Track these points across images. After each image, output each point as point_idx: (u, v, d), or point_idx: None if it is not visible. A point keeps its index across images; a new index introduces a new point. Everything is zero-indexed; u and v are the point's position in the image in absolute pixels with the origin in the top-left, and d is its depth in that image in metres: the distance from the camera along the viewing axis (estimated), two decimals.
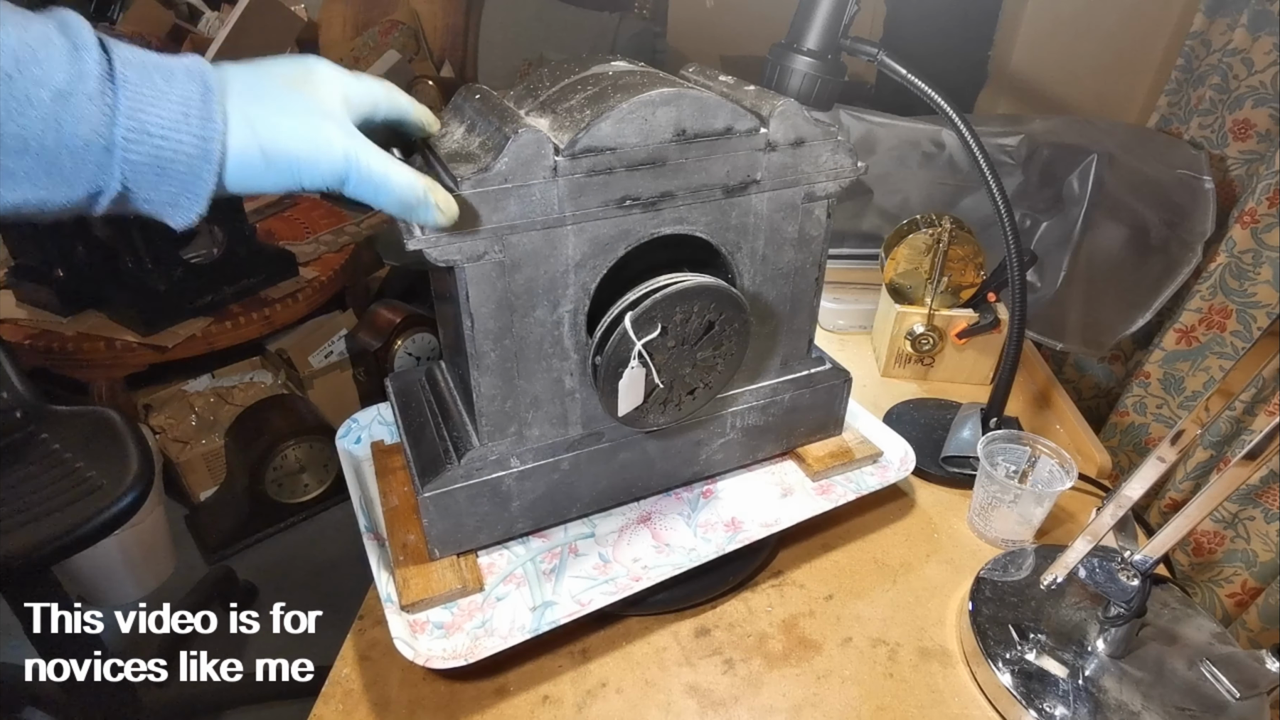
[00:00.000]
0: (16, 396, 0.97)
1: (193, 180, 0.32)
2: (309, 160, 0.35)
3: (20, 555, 0.81)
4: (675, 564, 0.55)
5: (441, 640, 0.50)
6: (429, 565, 0.53)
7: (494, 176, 0.42)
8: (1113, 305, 0.96)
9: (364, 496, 0.61)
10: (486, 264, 0.45)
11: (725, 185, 0.50)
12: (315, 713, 0.51)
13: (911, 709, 0.52)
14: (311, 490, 1.63)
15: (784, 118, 0.49)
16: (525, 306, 0.48)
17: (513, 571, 0.55)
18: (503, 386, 0.50)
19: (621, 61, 0.53)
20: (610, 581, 0.54)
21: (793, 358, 0.61)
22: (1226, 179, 0.95)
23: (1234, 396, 0.45)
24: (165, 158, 0.31)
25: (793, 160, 0.51)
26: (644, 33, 2.28)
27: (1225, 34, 0.94)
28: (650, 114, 0.45)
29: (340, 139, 0.36)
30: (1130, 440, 1.05)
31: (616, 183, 0.46)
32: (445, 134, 0.48)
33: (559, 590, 0.54)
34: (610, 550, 0.57)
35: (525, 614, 0.52)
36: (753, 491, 0.63)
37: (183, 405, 1.64)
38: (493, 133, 0.44)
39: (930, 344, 0.83)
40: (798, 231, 0.54)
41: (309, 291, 1.63)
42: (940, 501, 0.70)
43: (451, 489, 0.51)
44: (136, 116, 0.30)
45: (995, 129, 0.99)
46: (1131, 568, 0.50)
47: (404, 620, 0.50)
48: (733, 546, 0.56)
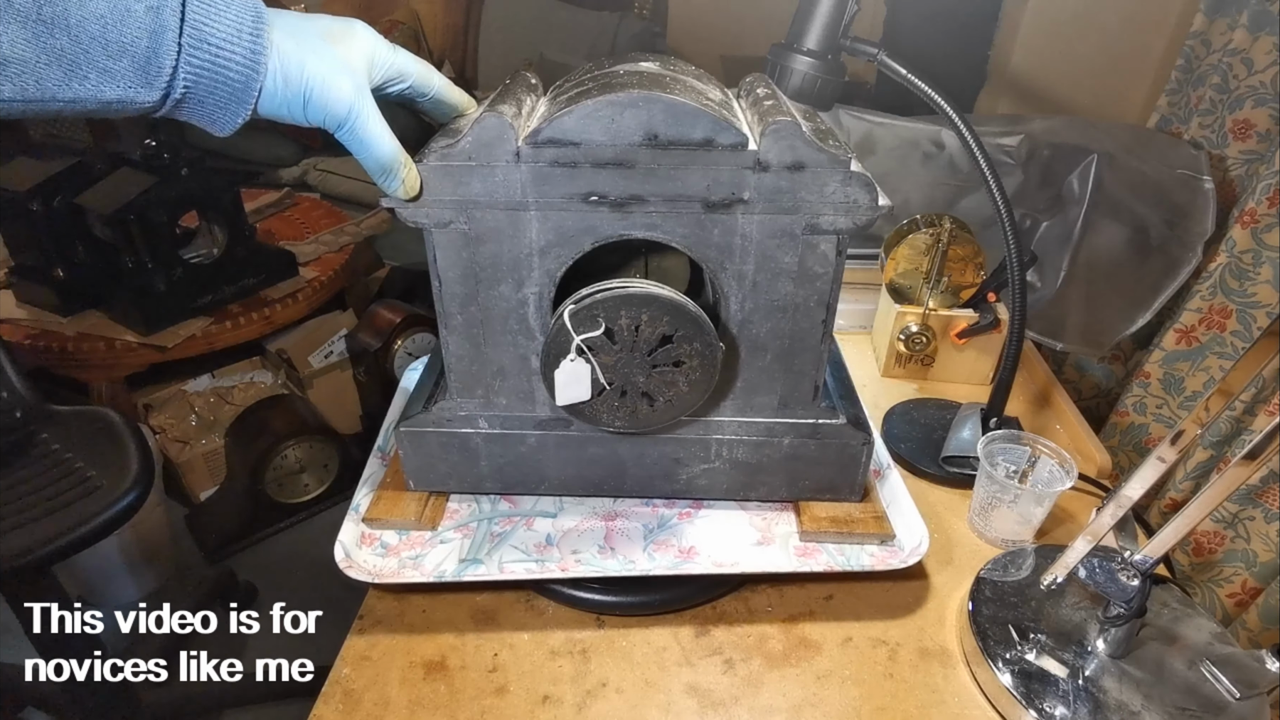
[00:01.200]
0: (16, 396, 0.97)
1: (242, 90, 0.37)
2: (318, 98, 0.39)
3: (20, 555, 0.80)
4: (605, 568, 0.56)
5: (376, 558, 0.57)
6: (404, 494, 0.60)
7: (458, 153, 0.46)
8: (1113, 305, 0.96)
9: (393, 424, 0.66)
10: (453, 232, 0.49)
11: (706, 199, 0.47)
12: (315, 713, 0.51)
13: (911, 709, 0.52)
14: (311, 490, 1.63)
15: (778, 137, 0.45)
16: (490, 279, 0.51)
17: (468, 524, 0.60)
18: (469, 350, 0.54)
19: (651, 62, 0.53)
20: (540, 562, 0.57)
21: (793, 401, 0.56)
22: (1226, 179, 0.94)
23: (1234, 396, 0.45)
24: (220, 65, 0.36)
25: (789, 185, 0.47)
26: (644, 33, 2.28)
27: (1225, 34, 0.94)
28: (616, 114, 0.45)
29: (351, 92, 0.40)
30: (1130, 440, 1.05)
31: (581, 177, 0.47)
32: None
33: (493, 554, 0.57)
34: (559, 536, 0.59)
35: (452, 562, 0.56)
36: (728, 528, 0.60)
37: (183, 405, 1.64)
38: (480, 114, 0.47)
39: (924, 343, 0.83)
40: (797, 264, 0.50)
41: (309, 291, 1.63)
42: (940, 501, 0.70)
43: (424, 431, 0.57)
44: (199, 27, 0.35)
45: (995, 129, 0.99)
46: (1131, 568, 0.50)
47: (358, 530, 0.58)
48: (673, 572, 0.56)
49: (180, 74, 0.35)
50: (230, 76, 0.36)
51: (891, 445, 0.75)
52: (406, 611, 0.58)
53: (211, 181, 1.41)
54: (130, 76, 0.34)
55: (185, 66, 0.35)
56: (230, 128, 0.38)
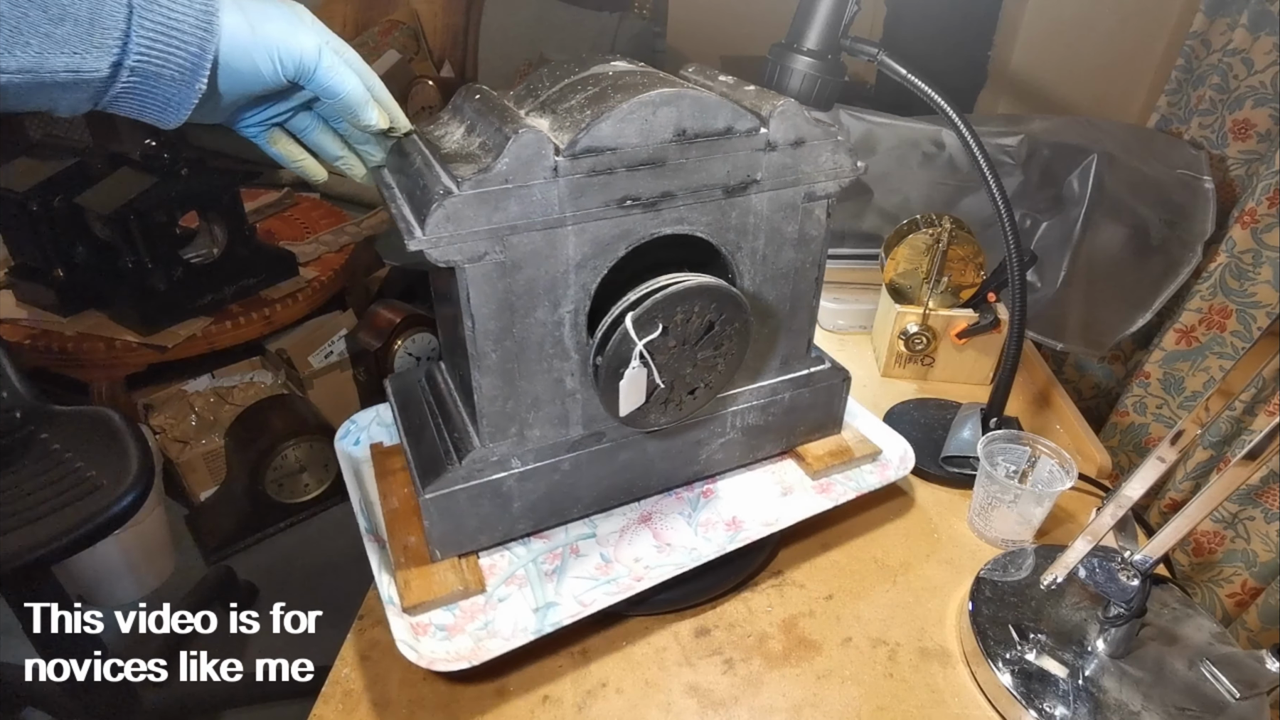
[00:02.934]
0: (16, 396, 0.97)
1: (198, 51, 0.36)
2: (289, 40, 0.39)
3: (20, 555, 0.80)
4: (677, 564, 0.55)
5: (444, 642, 0.49)
6: (430, 567, 0.53)
7: (494, 177, 0.42)
8: (1113, 305, 0.96)
9: (364, 498, 0.61)
10: (487, 264, 0.45)
11: (725, 185, 0.50)
12: (315, 713, 0.51)
13: (911, 709, 0.52)
14: (311, 490, 1.63)
15: (784, 117, 0.49)
16: (526, 307, 0.47)
17: (514, 573, 0.55)
18: (504, 387, 0.50)
19: (621, 61, 0.53)
20: (612, 582, 0.54)
21: (793, 357, 0.61)
22: (1226, 179, 0.95)
23: (1234, 396, 0.45)
24: (173, 26, 0.35)
25: (793, 160, 0.51)
26: (644, 33, 2.28)
27: (1225, 34, 0.94)
28: (651, 114, 0.45)
29: (315, 35, 0.41)
30: (1130, 440, 1.05)
31: (617, 183, 0.46)
32: (445, 134, 0.49)
33: (561, 591, 0.54)
34: (611, 550, 0.57)
35: (528, 615, 0.52)
36: (753, 491, 0.63)
37: (183, 405, 1.64)
38: (493, 133, 0.45)
39: (924, 343, 0.83)
40: (798, 231, 0.54)
41: (309, 291, 1.63)
42: (940, 501, 0.70)
43: (453, 490, 0.51)
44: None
45: (995, 129, 0.99)
46: (1131, 568, 0.50)
47: (406, 622, 0.50)
48: (734, 546, 0.56)
49: (133, 39, 0.34)
50: (185, 41, 0.35)
51: None
52: None
53: (211, 181, 1.40)
54: (75, 41, 0.33)
55: (138, 30, 0.34)
56: (184, 108, 0.37)
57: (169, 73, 0.36)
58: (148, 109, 0.37)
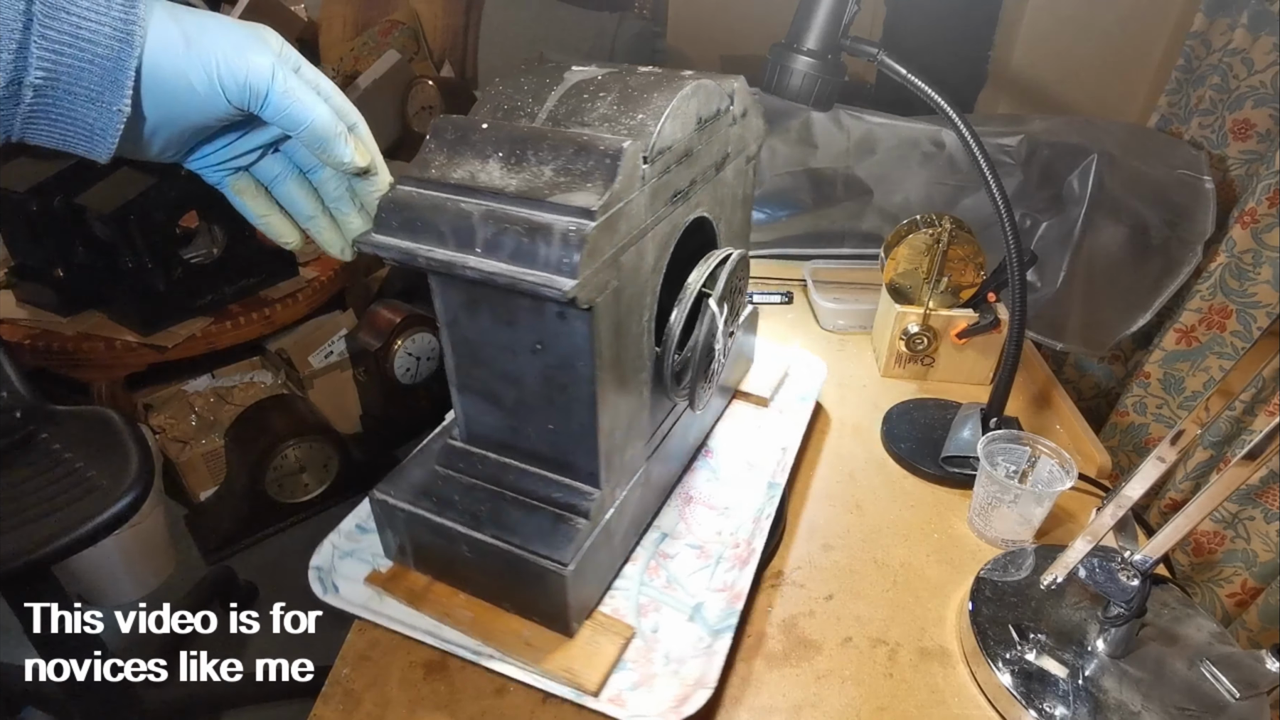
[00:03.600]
0: (16, 396, 0.97)
1: (114, 65, 0.31)
2: (233, 56, 0.33)
3: (20, 555, 0.80)
4: (753, 517, 0.59)
5: (653, 694, 0.47)
6: (573, 643, 0.49)
7: (615, 198, 0.40)
8: (1113, 305, 0.96)
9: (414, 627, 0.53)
10: (609, 294, 0.42)
11: (716, 163, 0.54)
12: (315, 713, 0.51)
13: (911, 709, 0.52)
14: (311, 490, 1.63)
15: (741, 93, 0.55)
16: (625, 328, 0.45)
17: (638, 603, 0.53)
18: (614, 420, 0.47)
19: (579, 66, 0.51)
20: (721, 560, 0.56)
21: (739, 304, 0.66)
22: (1226, 179, 0.95)
23: (1234, 396, 0.45)
24: (82, 36, 0.30)
25: (741, 130, 0.57)
26: (644, 33, 2.28)
27: (1225, 34, 0.94)
28: (685, 106, 0.46)
29: (269, 56, 0.34)
30: (1130, 440, 1.05)
31: (671, 179, 0.47)
32: (468, 175, 0.42)
33: (693, 591, 0.54)
34: (692, 537, 0.59)
35: (692, 627, 0.51)
36: (738, 438, 0.68)
37: (183, 405, 1.64)
38: (574, 155, 0.41)
39: (925, 344, 0.83)
40: (743, 192, 0.62)
41: (309, 291, 1.63)
42: (940, 501, 0.70)
43: (586, 548, 0.47)
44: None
45: (995, 129, 0.99)
46: (1131, 568, 0.50)
47: (606, 705, 0.46)
48: (778, 479, 0.62)
49: (33, 52, 0.29)
50: (98, 52, 0.30)
51: (891, 445, 0.75)
52: None
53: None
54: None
55: (39, 42, 0.29)
56: (109, 133, 0.32)
57: (81, 90, 0.31)
58: (70, 137, 0.32)
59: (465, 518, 0.49)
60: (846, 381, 0.86)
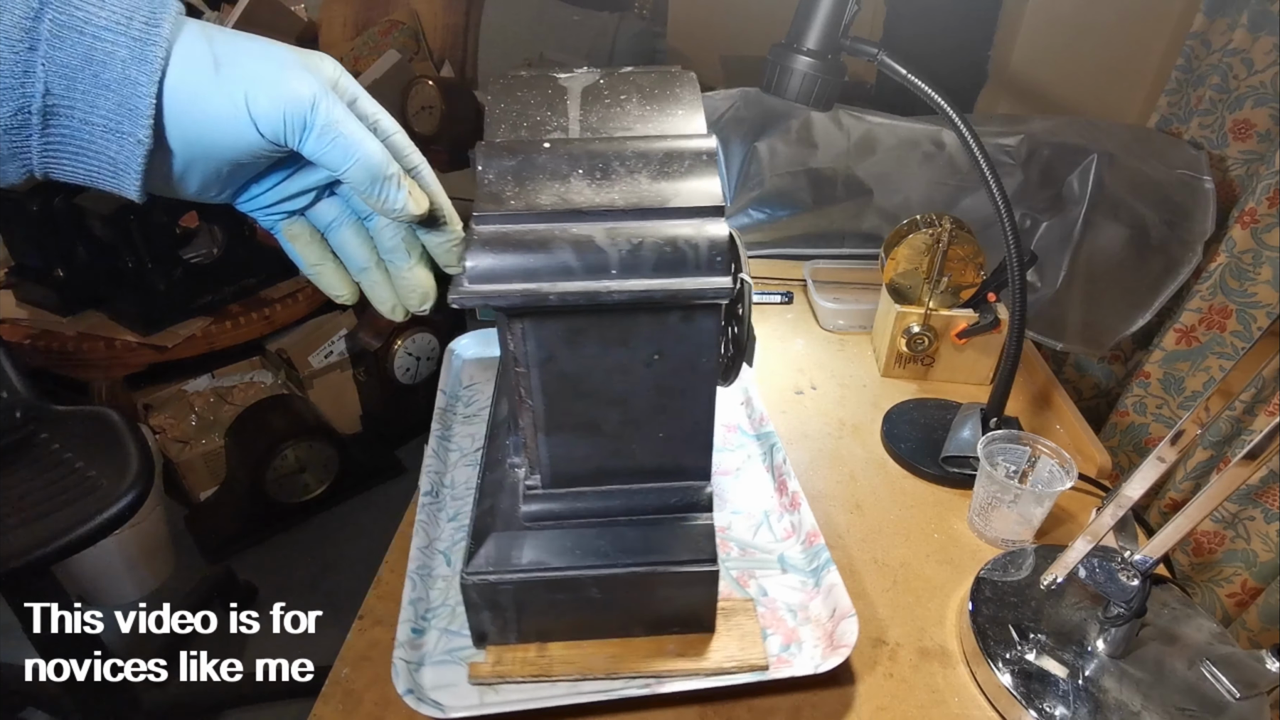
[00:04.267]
0: (16, 396, 0.97)
1: (130, 93, 0.27)
2: (269, 83, 0.29)
3: (20, 555, 0.80)
4: (765, 463, 0.67)
5: (805, 647, 0.53)
6: (717, 637, 0.52)
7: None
8: (1113, 305, 0.96)
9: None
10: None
11: None
12: (315, 713, 0.50)
13: (911, 709, 0.52)
14: (311, 490, 1.63)
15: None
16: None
17: (734, 576, 0.58)
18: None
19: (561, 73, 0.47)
20: (768, 514, 0.63)
21: None
22: (1226, 179, 0.94)
23: (1234, 396, 0.45)
24: (97, 60, 0.27)
25: None
26: (644, 33, 2.28)
27: (1225, 34, 0.94)
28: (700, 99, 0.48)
29: (313, 84, 0.30)
30: (1130, 440, 1.05)
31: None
32: (558, 197, 0.39)
33: (767, 548, 0.61)
34: (728, 505, 0.64)
35: (789, 577, 0.58)
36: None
37: (183, 405, 1.64)
38: (662, 160, 0.41)
39: (925, 344, 0.83)
40: None
41: (309, 291, 1.63)
42: (940, 501, 0.70)
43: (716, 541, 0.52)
44: (68, 10, 0.26)
45: (995, 129, 0.99)
46: (1131, 568, 0.50)
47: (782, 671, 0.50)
48: (766, 427, 0.68)
49: (38, 75, 0.26)
50: (112, 75, 0.27)
51: (891, 445, 0.75)
52: None
53: None
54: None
55: (46, 65, 0.26)
56: (131, 167, 0.28)
57: (98, 120, 0.27)
58: (94, 172, 0.29)
59: (591, 560, 0.47)
60: (846, 381, 0.86)
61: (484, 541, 0.47)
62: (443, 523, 0.62)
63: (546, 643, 0.50)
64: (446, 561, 0.58)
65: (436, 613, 0.54)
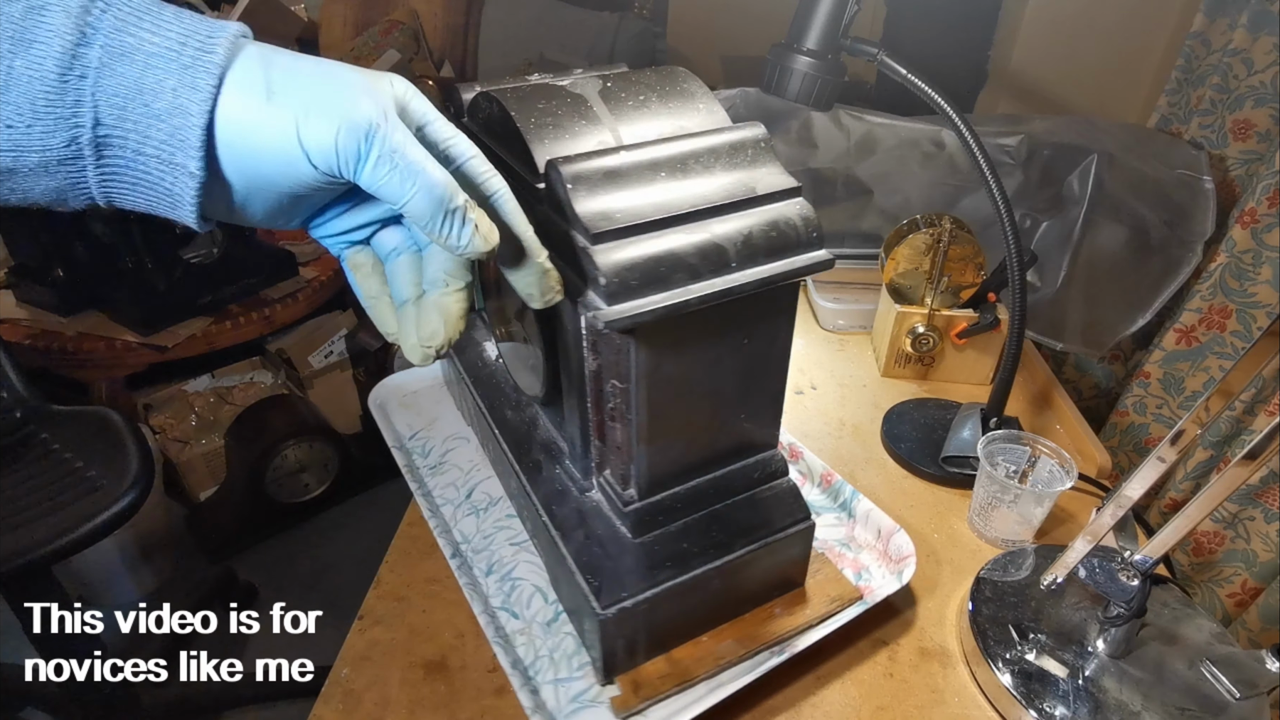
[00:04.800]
0: (16, 396, 0.97)
1: (181, 124, 0.26)
2: (320, 112, 0.27)
3: (20, 555, 0.80)
4: None
5: (874, 570, 0.59)
6: (809, 588, 0.55)
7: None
8: (1113, 305, 0.96)
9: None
10: None
11: None
12: (315, 713, 0.51)
13: (911, 709, 0.52)
14: (312, 490, 1.63)
15: None
16: None
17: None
18: None
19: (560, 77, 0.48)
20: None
21: None
22: (1226, 179, 0.94)
23: (1234, 396, 0.45)
24: (148, 88, 0.25)
25: None
26: (644, 33, 2.28)
27: (1225, 34, 0.94)
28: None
29: (372, 111, 0.28)
30: (1130, 440, 1.05)
31: None
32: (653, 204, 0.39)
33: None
34: None
35: (821, 517, 0.59)
36: None
37: (183, 405, 1.64)
38: (729, 152, 0.41)
39: (930, 344, 0.83)
40: None
41: (309, 291, 1.63)
42: (940, 501, 0.70)
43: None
44: (119, 36, 0.25)
45: (995, 129, 0.99)
46: (1131, 568, 0.50)
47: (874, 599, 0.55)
48: None
49: (87, 100, 0.25)
50: (162, 104, 0.26)
51: (891, 445, 0.75)
52: (407, 612, 0.58)
53: None
54: (16, 111, 0.25)
55: (94, 89, 0.25)
56: (185, 197, 0.27)
57: (151, 150, 0.26)
58: (152, 201, 0.28)
59: (708, 554, 0.48)
60: (846, 381, 0.86)
61: (603, 571, 0.46)
62: (483, 579, 0.57)
63: (668, 651, 0.50)
64: (514, 615, 0.54)
65: (536, 668, 0.51)
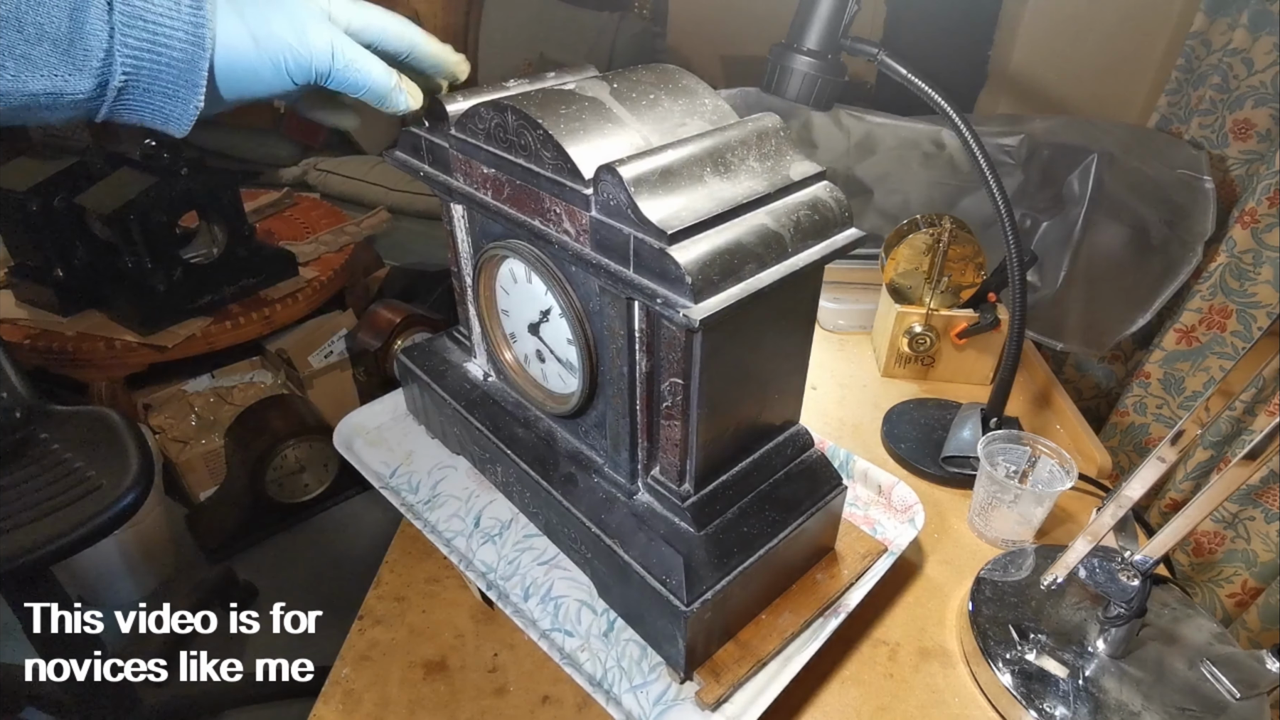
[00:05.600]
0: (16, 396, 0.97)
1: (189, 68, 0.34)
2: (298, 45, 0.37)
3: (20, 555, 0.80)
4: None
5: (888, 522, 0.61)
6: (841, 549, 0.57)
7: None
8: (1113, 305, 0.96)
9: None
10: None
11: None
12: (315, 713, 0.51)
13: (911, 709, 0.52)
14: (311, 490, 1.63)
15: None
16: None
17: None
18: None
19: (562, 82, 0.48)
20: None
21: None
22: (1226, 179, 0.94)
23: (1234, 396, 0.45)
24: (159, 41, 0.33)
25: None
26: (644, 33, 2.28)
27: (1225, 34, 0.94)
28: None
29: (324, 31, 0.38)
30: (1130, 440, 1.05)
31: None
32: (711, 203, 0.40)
33: None
34: None
35: None
36: None
37: (183, 405, 1.64)
38: (757, 143, 0.43)
39: (928, 344, 0.83)
40: None
41: (309, 291, 1.63)
42: (940, 501, 0.70)
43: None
44: (132, 3, 0.32)
45: (995, 129, 0.99)
46: (1131, 568, 0.50)
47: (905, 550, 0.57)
48: None
49: (117, 57, 0.32)
50: (174, 56, 0.33)
51: (891, 445, 0.75)
52: (407, 612, 0.58)
53: (211, 181, 1.40)
54: (54, 63, 0.31)
55: (122, 48, 0.32)
56: (185, 120, 0.35)
57: (159, 89, 0.34)
58: (148, 121, 0.36)
59: (768, 534, 0.48)
60: (846, 381, 0.86)
61: (677, 569, 0.45)
62: (524, 604, 0.54)
63: (734, 636, 0.51)
64: (568, 634, 0.52)
65: (609, 680, 0.49)
